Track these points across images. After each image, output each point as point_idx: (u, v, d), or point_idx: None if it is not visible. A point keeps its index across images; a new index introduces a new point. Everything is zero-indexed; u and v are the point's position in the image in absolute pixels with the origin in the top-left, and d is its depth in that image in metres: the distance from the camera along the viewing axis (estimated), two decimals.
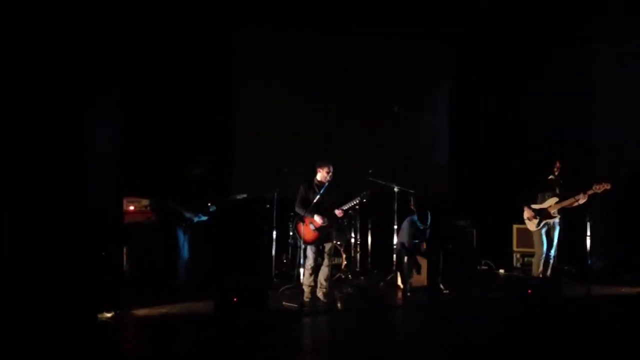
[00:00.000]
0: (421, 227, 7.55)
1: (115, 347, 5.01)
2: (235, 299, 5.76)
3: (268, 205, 7.95)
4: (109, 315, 5.65)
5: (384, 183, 8.12)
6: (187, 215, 7.04)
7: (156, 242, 7.40)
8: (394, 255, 8.03)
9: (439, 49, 10.37)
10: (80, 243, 5.47)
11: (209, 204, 7.13)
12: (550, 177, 7.61)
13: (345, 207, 6.72)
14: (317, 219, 6.66)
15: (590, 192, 7.12)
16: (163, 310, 6.14)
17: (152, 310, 6.10)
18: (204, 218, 7.14)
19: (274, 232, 7.88)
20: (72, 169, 5.60)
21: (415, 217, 7.61)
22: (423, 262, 7.73)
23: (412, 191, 7.98)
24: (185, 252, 7.04)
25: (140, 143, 8.02)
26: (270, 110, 9.43)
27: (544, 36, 9.61)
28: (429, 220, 7.56)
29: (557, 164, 7.62)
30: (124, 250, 7.03)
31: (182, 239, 7.07)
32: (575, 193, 7.25)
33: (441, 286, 7.45)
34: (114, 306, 5.76)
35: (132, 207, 7.37)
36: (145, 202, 7.46)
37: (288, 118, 9.44)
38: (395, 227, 8.10)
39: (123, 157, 7.02)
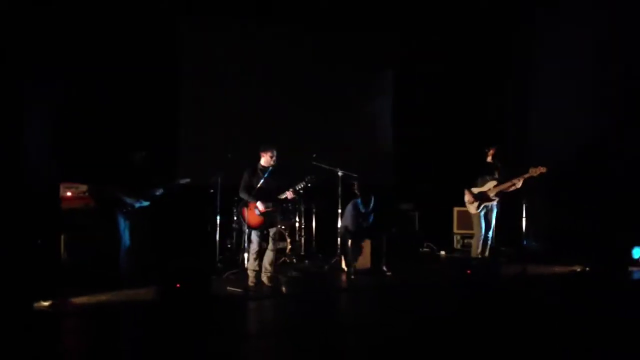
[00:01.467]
0: (364, 211, 7.65)
1: (53, 337, 4.87)
2: (178, 285, 5.67)
3: (212, 190, 7.86)
4: (46, 303, 5.48)
5: (328, 167, 8.16)
6: (128, 200, 6.86)
7: (96, 229, 7.20)
8: (338, 239, 8.10)
9: (382, 37, 10.43)
10: (14, 230, 5.28)
11: (156, 187, 6.97)
12: (489, 161, 7.84)
13: (297, 188, 6.73)
14: (260, 204, 6.63)
15: (526, 175, 7.38)
16: (103, 298, 6.01)
17: (91, 298, 5.96)
18: (146, 203, 6.97)
19: (218, 217, 7.81)
20: (6, 153, 5.39)
21: (359, 201, 7.70)
22: (367, 245, 7.83)
23: (355, 175, 8.06)
24: (126, 238, 6.86)
25: (80, 127, 7.78)
26: (215, 95, 9.30)
27: (484, 24, 9.83)
28: (373, 204, 7.66)
29: (491, 150, 7.85)
30: (62, 237, 6.80)
31: (123, 225, 6.88)
32: (512, 177, 7.50)
33: (384, 269, 7.58)
34: (52, 295, 5.58)
35: (69, 193, 7.13)
36: (83, 187, 7.24)
37: (233, 103, 9.34)
38: (339, 211, 8.16)
39: (60, 142, 6.80)
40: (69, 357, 4.35)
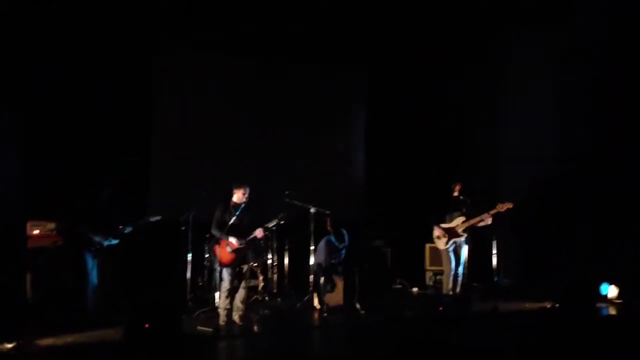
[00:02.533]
0: (338, 247, 7.65)
1: None
2: (147, 325, 5.55)
3: (183, 227, 7.80)
4: (9, 345, 5.31)
5: (300, 204, 8.17)
6: (97, 239, 6.76)
7: (63, 268, 7.05)
8: (311, 276, 8.06)
9: (354, 73, 10.65)
10: None
11: (124, 226, 6.88)
12: (457, 196, 7.94)
13: (268, 225, 6.71)
14: (233, 240, 6.60)
15: (493, 211, 7.51)
16: (70, 339, 5.85)
17: (57, 339, 5.79)
18: (115, 242, 6.88)
19: (189, 255, 7.73)
20: None
21: (332, 237, 7.70)
22: (339, 282, 7.81)
23: (328, 212, 8.08)
24: (94, 277, 6.73)
25: (48, 162, 7.68)
26: (188, 131, 9.29)
27: (454, 59, 10.09)
28: (346, 240, 7.67)
29: (457, 186, 7.96)
30: (27, 276, 6.64)
31: (91, 264, 6.76)
32: (480, 212, 7.60)
33: (357, 306, 7.54)
34: (16, 336, 5.42)
35: (36, 231, 6.99)
36: (51, 225, 7.11)
37: (205, 139, 9.32)
38: (312, 247, 8.15)
39: (27, 178, 6.70)
40: None
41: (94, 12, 8.20)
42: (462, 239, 7.84)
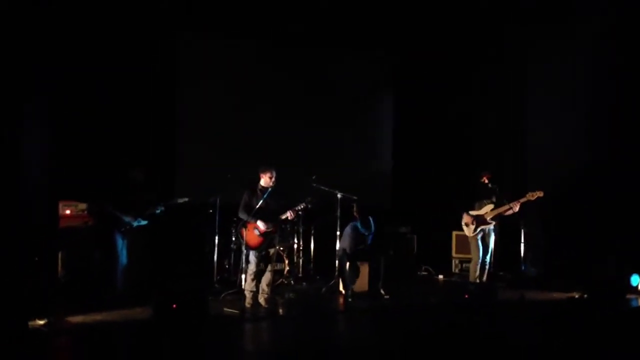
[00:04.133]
0: (363, 233, 7.63)
1: (48, 356, 4.83)
2: (174, 305, 5.64)
3: (211, 210, 7.87)
4: (41, 322, 5.44)
5: (327, 189, 8.16)
6: (126, 219, 6.87)
7: (93, 247, 7.18)
8: (336, 261, 8.08)
9: (381, 59, 10.57)
10: (12, 247, 5.27)
11: (155, 206, 6.97)
12: (486, 184, 7.84)
13: (297, 208, 6.72)
14: (261, 224, 6.64)
15: (523, 199, 7.40)
16: (99, 317, 5.97)
17: (87, 317, 5.91)
18: (144, 222, 6.98)
19: (216, 237, 7.81)
20: (5, 171, 5.41)
21: (358, 223, 7.69)
22: (364, 268, 7.81)
23: (354, 197, 8.06)
24: (123, 257, 6.86)
25: (79, 145, 7.80)
26: (215, 115, 9.31)
27: (483, 46, 9.93)
28: (372, 227, 7.65)
29: (486, 175, 7.86)
30: (59, 255, 6.78)
31: (121, 244, 6.88)
32: (509, 201, 7.51)
33: (382, 291, 7.54)
34: (47, 313, 5.55)
35: (68, 211, 7.11)
36: (82, 206, 7.22)
37: (233, 123, 9.36)
38: (338, 233, 8.16)
39: (59, 160, 6.81)
40: None
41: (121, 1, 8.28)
42: (491, 226, 7.76)
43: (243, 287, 6.93)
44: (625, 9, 8.27)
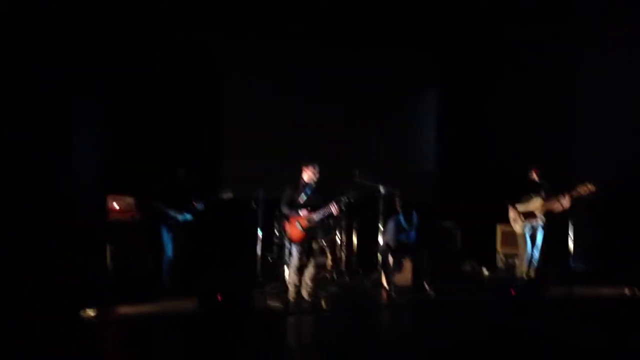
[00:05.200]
0: (406, 227, 7.57)
1: (98, 345, 4.97)
2: (219, 298, 5.72)
3: (254, 205, 7.94)
4: (92, 313, 5.60)
5: (369, 184, 8.12)
6: (172, 214, 7.00)
7: (140, 241, 7.34)
8: (379, 255, 8.04)
9: (426, 57, 10.46)
10: (63, 240, 5.43)
11: (197, 202, 7.09)
12: (534, 179, 7.67)
13: (340, 203, 6.70)
14: (305, 214, 6.64)
15: (574, 193, 7.19)
16: (146, 308, 6.09)
17: (135, 308, 6.05)
18: (189, 217, 7.10)
19: (260, 231, 7.88)
20: (56, 166, 5.57)
21: (401, 217, 7.63)
22: (408, 263, 7.75)
23: (397, 192, 8.00)
24: (169, 250, 6.99)
25: (127, 141, 7.99)
26: (259, 111, 9.41)
27: (528, 41, 9.70)
28: (415, 221, 7.59)
29: (535, 170, 7.68)
30: (108, 248, 6.96)
31: (167, 238, 7.02)
32: (559, 195, 7.31)
33: (426, 287, 7.47)
34: (97, 304, 5.70)
35: (116, 206, 7.31)
36: (130, 200, 7.40)
37: (277, 119, 9.44)
38: (381, 227, 8.11)
39: (108, 155, 6.99)
40: None
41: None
42: (539, 221, 7.59)
43: (286, 280, 6.97)
44: None
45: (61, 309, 5.27)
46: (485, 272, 9.24)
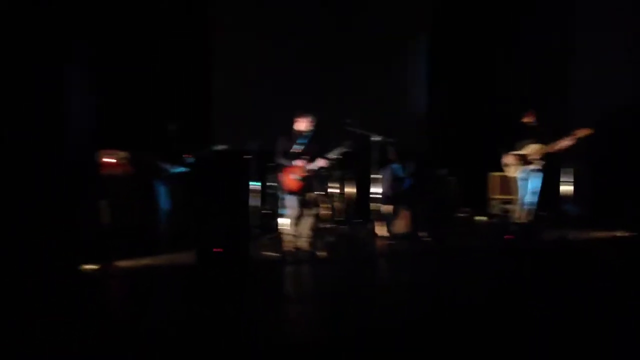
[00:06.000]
0: (401, 176, 7.57)
1: (101, 298, 4.99)
2: (216, 250, 5.74)
3: (249, 156, 7.89)
4: (92, 267, 5.61)
5: (362, 132, 8.06)
6: (165, 166, 6.95)
7: (135, 195, 7.31)
8: (374, 204, 8.06)
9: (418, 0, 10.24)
10: (58, 196, 5.38)
11: (187, 156, 7.04)
12: (529, 123, 7.63)
13: (329, 156, 6.68)
14: (300, 163, 6.60)
15: (573, 136, 7.16)
16: (145, 262, 6.12)
17: (134, 262, 6.08)
18: (182, 169, 7.05)
19: (255, 183, 7.86)
20: (48, 122, 5.48)
21: (395, 166, 7.62)
22: (404, 211, 7.78)
23: (391, 140, 7.95)
24: (164, 203, 6.98)
25: (116, 95, 7.85)
26: (249, 61, 9.23)
27: None
28: (410, 169, 7.58)
29: (529, 114, 7.63)
30: (103, 203, 6.92)
31: (161, 191, 6.99)
32: (557, 138, 7.28)
33: (421, 234, 7.52)
34: (97, 258, 5.72)
35: (109, 160, 7.23)
36: (122, 154, 7.33)
37: (267, 68, 9.26)
38: (375, 176, 8.09)
39: (99, 110, 6.88)
40: (116, 317, 4.45)
41: None
42: (535, 166, 7.59)
43: (282, 231, 6.99)
44: None
45: (61, 265, 5.28)
46: (480, 218, 9.31)
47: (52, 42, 5.51)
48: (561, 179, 7.58)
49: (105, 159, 7.14)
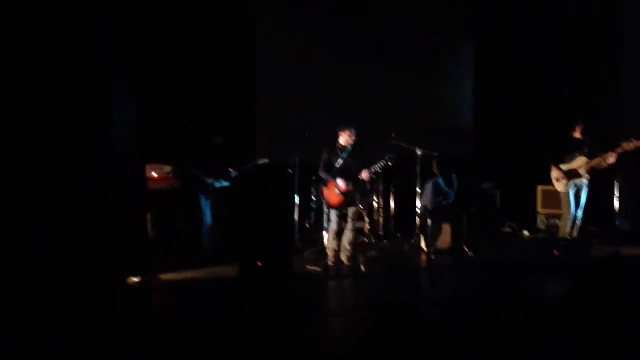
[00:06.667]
0: (445, 190, 7.47)
1: (146, 311, 5.06)
2: (259, 264, 5.76)
3: (290, 170, 7.92)
4: (137, 280, 5.70)
5: (407, 146, 8.01)
6: (209, 181, 7.04)
7: (179, 208, 7.42)
8: (417, 219, 7.97)
9: (460, 7, 10.15)
10: (106, 210, 5.49)
11: (231, 170, 7.11)
12: (578, 137, 7.46)
13: (372, 169, 6.65)
14: (341, 183, 6.60)
15: (619, 150, 6.97)
16: (189, 275, 6.19)
17: (178, 275, 6.15)
18: (226, 184, 7.13)
19: (297, 197, 7.87)
20: (95, 136, 5.59)
21: (440, 180, 7.52)
22: (447, 225, 7.67)
23: (435, 154, 7.87)
24: (208, 217, 7.06)
25: (162, 109, 7.99)
26: (292, 75, 9.23)
27: None
28: (454, 183, 7.47)
29: (579, 127, 7.46)
30: (148, 216, 7.05)
31: (205, 205, 7.08)
32: (604, 152, 7.10)
33: (465, 249, 7.40)
34: (142, 271, 5.80)
35: (155, 174, 7.37)
36: (167, 168, 7.45)
37: (310, 82, 9.25)
38: (418, 190, 8.02)
39: (145, 124, 7.00)
40: (160, 327, 4.49)
41: None
42: (584, 180, 7.39)
43: (325, 245, 6.98)
44: None
45: (107, 277, 5.37)
46: (526, 233, 9.10)
47: (99, 56, 5.62)
48: (615, 193, 7.33)
49: (150, 173, 7.28)
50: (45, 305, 4.70)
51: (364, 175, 6.61)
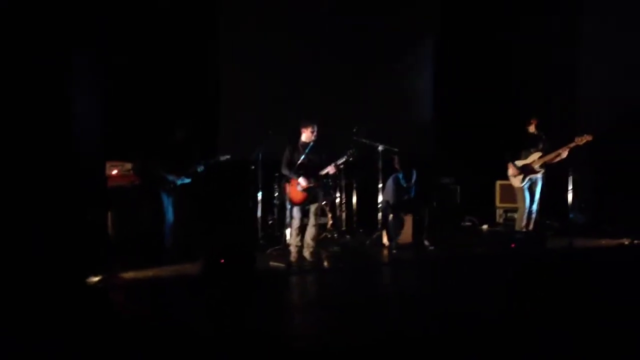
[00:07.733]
0: (406, 185, 7.59)
1: (106, 311, 5.00)
2: (222, 260, 5.75)
3: (252, 167, 7.92)
4: (97, 279, 5.63)
5: (368, 142, 8.09)
6: (170, 178, 6.97)
7: (140, 206, 7.33)
8: (379, 214, 8.07)
9: (424, 4, 10.26)
10: (65, 207, 5.41)
11: (197, 164, 7.04)
12: (533, 132, 7.66)
13: (338, 163, 6.70)
14: (302, 181, 6.64)
15: (572, 145, 7.21)
16: (150, 273, 6.13)
17: (139, 273, 6.09)
18: (187, 180, 7.07)
19: (259, 194, 7.88)
20: (55, 133, 5.50)
21: (400, 175, 7.64)
22: (408, 220, 7.79)
23: (396, 149, 7.97)
24: (170, 214, 6.99)
25: (122, 105, 7.87)
26: (255, 72, 9.22)
27: None
28: (414, 178, 7.60)
29: (533, 122, 7.66)
30: (109, 214, 6.95)
31: (167, 202, 7.00)
32: (557, 147, 7.32)
33: (426, 243, 7.53)
34: (102, 270, 5.73)
35: (115, 171, 7.28)
36: (128, 165, 7.37)
37: (272, 79, 9.25)
38: (380, 185, 8.11)
39: (106, 121, 6.90)
40: (120, 328, 4.46)
41: None
42: (538, 175, 7.61)
43: (288, 241, 7.01)
44: None
45: (68, 275, 5.30)
46: (485, 227, 9.31)
47: (56, 50, 5.52)
48: (568, 187, 7.56)
49: (111, 170, 7.18)
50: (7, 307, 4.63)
51: (330, 169, 6.66)
